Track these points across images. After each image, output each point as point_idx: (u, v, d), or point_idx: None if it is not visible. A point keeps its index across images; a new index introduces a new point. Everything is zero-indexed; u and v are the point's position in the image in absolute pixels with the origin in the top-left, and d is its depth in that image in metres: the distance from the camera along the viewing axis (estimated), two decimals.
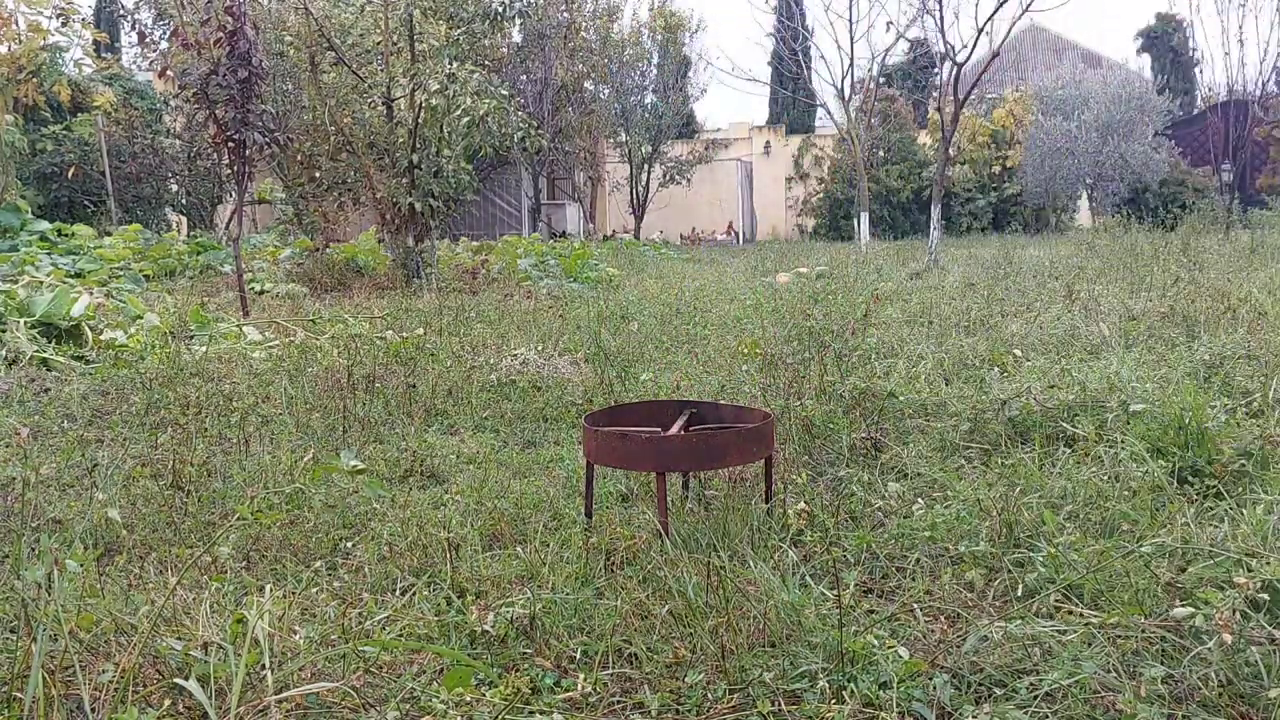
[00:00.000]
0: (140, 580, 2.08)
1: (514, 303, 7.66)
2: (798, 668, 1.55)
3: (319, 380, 4.21)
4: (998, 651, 1.61)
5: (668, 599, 1.80)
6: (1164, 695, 1.49)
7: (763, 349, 4.42)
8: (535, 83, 18.94)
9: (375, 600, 1.96)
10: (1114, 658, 1.57)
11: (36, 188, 14.39)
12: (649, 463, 2.07)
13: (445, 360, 4.74)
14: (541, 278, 9.63)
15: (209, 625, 1.68)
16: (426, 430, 3.56)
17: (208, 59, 6.94)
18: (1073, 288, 6.79)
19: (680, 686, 1.54)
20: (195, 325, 5.99)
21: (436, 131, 9.27)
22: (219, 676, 1.56)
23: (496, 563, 2.09)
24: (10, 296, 5.43)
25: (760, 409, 2.37)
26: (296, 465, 2.95)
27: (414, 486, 2.89)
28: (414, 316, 6.64)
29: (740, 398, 3.70)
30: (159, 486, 2.82)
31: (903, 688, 1.49)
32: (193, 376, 4.39)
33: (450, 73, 9.14)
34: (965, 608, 1.88)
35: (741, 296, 7.87)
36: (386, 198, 9.40)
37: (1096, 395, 3.21)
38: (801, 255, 13.33)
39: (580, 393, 4.06)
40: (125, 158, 15.23)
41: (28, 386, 4.28)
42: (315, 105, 10.25)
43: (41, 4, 13.40)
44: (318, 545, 2.33)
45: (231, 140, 7.16)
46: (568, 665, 1.65)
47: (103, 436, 3.46)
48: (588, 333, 5.52)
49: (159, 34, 12.00)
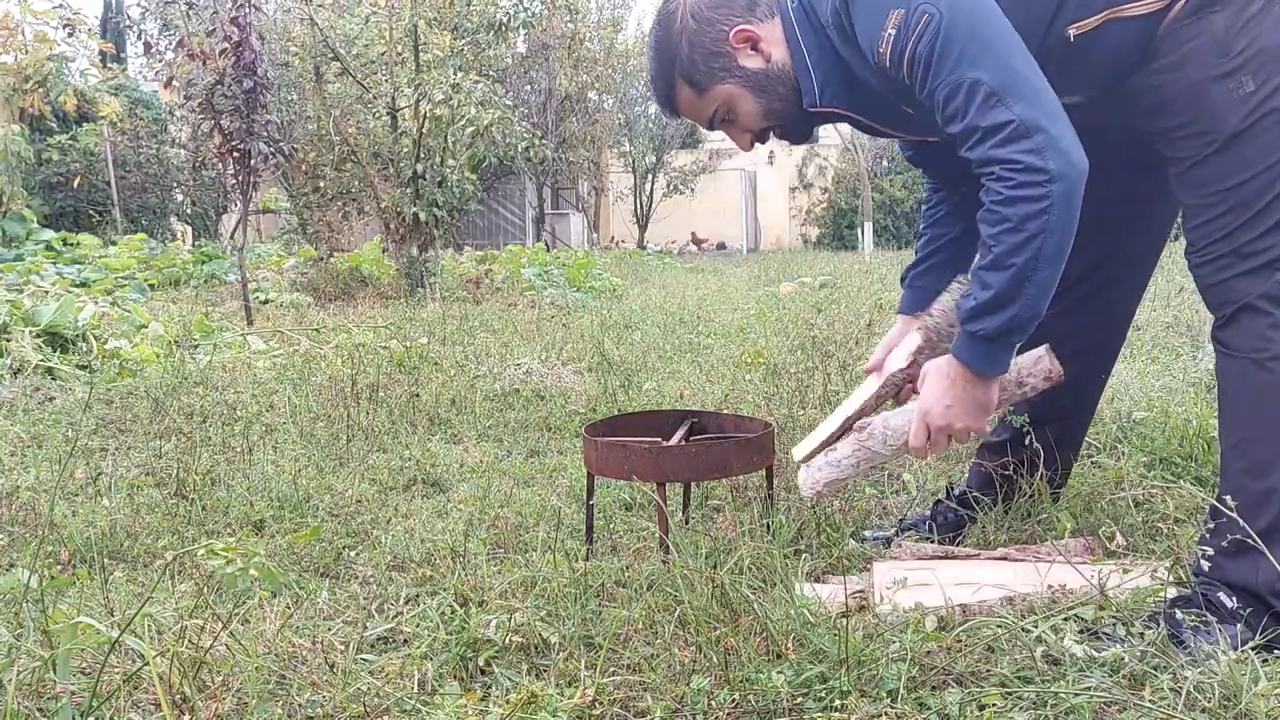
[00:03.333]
0: (146, 588, 2.08)
1: (518, 312, 7.67)
2: (801, 675, 1.55)
3: (323, 389, 4.21)
4: (1005, 660, 1.60)
5: (671, 608, 1.80)
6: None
7: (766, 358, 4.43)
8: (539, 93, 19.00)
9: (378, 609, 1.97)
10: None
11: (42, 197, 14.44)
12: (649, 473, 2.07)
13: (449, 369, 4.75)
14: (545, 287, 9.64)
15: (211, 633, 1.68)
16: (430, 439, 3.56)
17: (213, 69, 6.97)
18: None
19: (685, 692, 1.54)
20: (199, 334, 6.00)
21: (441, 141, 9.29)
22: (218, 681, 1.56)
23: (500, 573, 2.09)
24: (16, 306, 5.45)
25: (761, 419, 2.37)
26: (300, 474, 2.96)
27: (417, 495, 2.89)
28: (418, 326, 6.65)
29: (744, 407, 3.71)
30: (162, 495, 2.82)
31: (912, 699, 1.49)
32: (197, 385, 4.40)
33: (455, 83, 9.17)
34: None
35: (745, 306, 7.88)
36: (391, 207, 9.42)
37: (1098, 406, 3.21)
38: (805, 264, 13.34)
39: (584, 402, 4.07)
40: (130, 167, 15.29)
41: (32, 395, 4.29)
42: (320, 115, 10.28)
43: (48, 14, 13.47)
44: (321, 554, 2.33)
45: (236, 150, 7.19)
46: (572, 674, 1.65)
47: (106, 445, 3.47)
48: (591, 342, 5.53)
49: (165, 44, 12.05)
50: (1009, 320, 1.65)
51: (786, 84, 1.84)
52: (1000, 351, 1.72)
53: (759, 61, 1.83)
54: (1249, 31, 1.60)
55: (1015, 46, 1.61)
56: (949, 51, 1.60)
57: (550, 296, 8.86)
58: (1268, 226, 1.63)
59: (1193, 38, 1.65)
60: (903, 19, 1.62)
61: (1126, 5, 1.68)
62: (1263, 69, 1.59)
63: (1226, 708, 1.41)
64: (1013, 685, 1.52)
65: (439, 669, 1.69)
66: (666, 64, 1.87)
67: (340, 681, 1.60)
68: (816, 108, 1.85)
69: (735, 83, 1.85)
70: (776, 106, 1.87)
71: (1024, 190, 1.58)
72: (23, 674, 1.53)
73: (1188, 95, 1.67)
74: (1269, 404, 1.64)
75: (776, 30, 1.83)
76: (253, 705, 1.53)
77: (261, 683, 1.59)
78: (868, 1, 1.67)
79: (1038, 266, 1.60)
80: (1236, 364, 1.69)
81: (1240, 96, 1.60)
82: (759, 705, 1.51)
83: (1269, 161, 1.61)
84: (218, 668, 1.61)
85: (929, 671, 1.59)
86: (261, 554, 1.56)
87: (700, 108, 1.90)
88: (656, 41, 1.88)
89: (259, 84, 7.03)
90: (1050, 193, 1.56)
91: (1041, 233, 1.58)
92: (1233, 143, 1.63)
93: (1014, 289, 1.62)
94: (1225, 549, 1.65)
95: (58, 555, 2.27)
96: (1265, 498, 1.64)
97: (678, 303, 8.20)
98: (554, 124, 18.82)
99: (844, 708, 1.47)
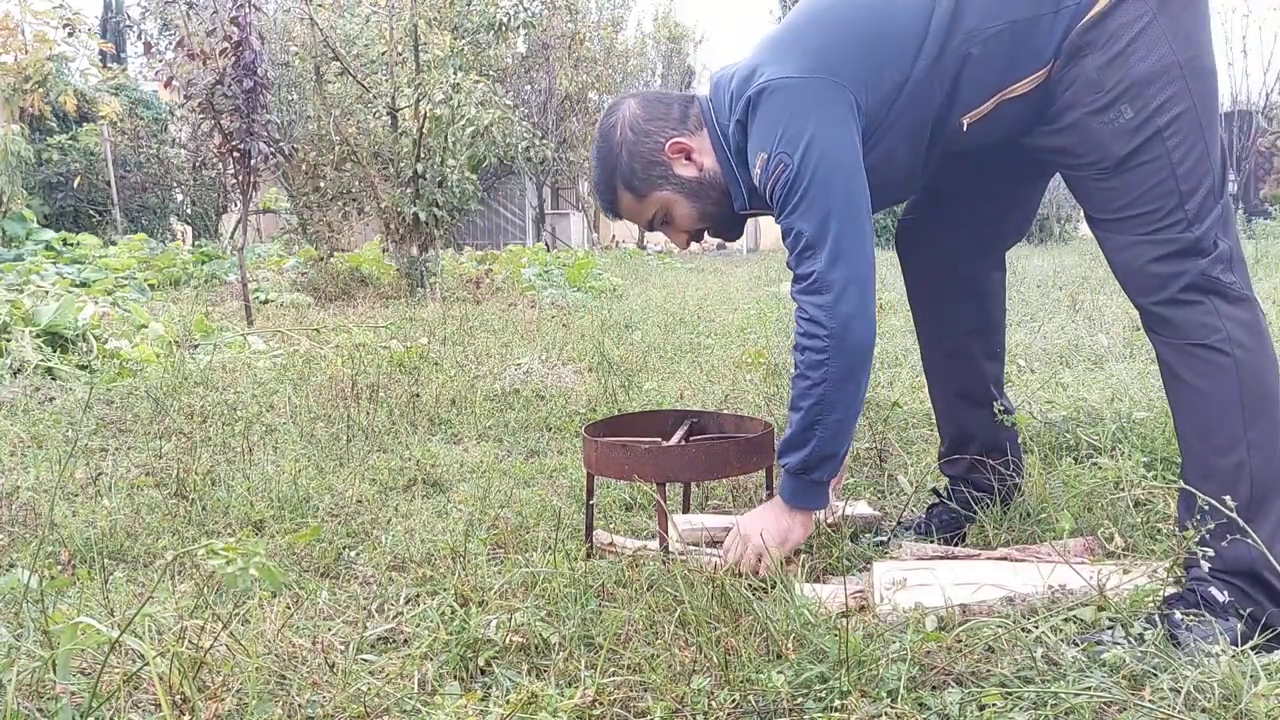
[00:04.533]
0: (146, 588, 2.08)
1: (518, 312, 7.67)
2: (801, 675, 1.55)
3: (323, 390, 4.21)
4: (1005, 660, 1.60)
5: (671, 609, 1.80)
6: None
7: (766, 358, 4.43)
8: (539, 93, 19.01)
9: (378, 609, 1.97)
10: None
11: (42, 197, 14.45)
12: (649, 473, 2.07)
13: (449, 370, 4.75)
14: (545, 287, 9.65)
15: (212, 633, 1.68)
16: (430, 439, 3.56)
17: (213, 69, 6.97)
18: (1076, 297, 6.80)
19: (685, 692, 1.54)
20: (200, 334, 6.00)
21: (441, 141, 9.29)
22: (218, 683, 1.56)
23: (500, 573, 2.09)
24: (16, 306, 5.45)
25: (761, 419, 2.37)
26: (300, 474, 2.96)
27: (417, 495, 2.89)
28: (418, 326, 6.66)
29: (744, 407, 3.71)
30: (162, 495, 2.82)
31: (912, 699, 1.49)
32: (197, 386, 4.40)
33: (455, 83, 9.18)
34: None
35: (745, 306, 7.89)
36: (391, 207, 9.42)
37: (1097, 406, 3.21)
38: None
39: (584, 402, 4.07)
40: (130, 167, 15.29)
41: (32, 395, 4.29)
42: (320, 115, 10.29)
43: (48, 14, 13.48)
44: (321, 554, 2.33)
45: (236, 150, 7.19)
46: (572, 674, 1.65)
47: (106, 445, 3.47)
48: (591, 342, 5.53)
49: (165, 44, 12.06)
50: (806, 457, 1.88)
51: (718, 189, 2.02)
52: (806, 488, 1.93)
53: (693, 170, 2.02)
54: (1117, 69, 1.71)
55: (850, 203, 1.81)
56: (790, 199, 1.82)
57: (550, 296, 8.86)
58: (1177, 219, 1.72)
59: (1071, 83, 1.76)
60: (765, 162, 1.85)
61: (1013, 86, 1.81)
62: (1138, 97, 1.70)
63: (1226, 708, 1.41)
64: (1013, 685, 1.52)
65: (439, 669, 1.69)
66: (609, 172, 2.06)
67: (340, 681, 1.60)
68: (747, 211, 2.04)
69: (671, 189, 2.03)
70: (710, 210, 2.05)
71: (809, 340, 1.82)
72: (23, 674, 1.53)
73: (1072, 133, 1.79)
74: (1222, 385, 1.71)
75: (705, 142, 2.03)
76: (253, 705, 1.53)
77: (261, 683, 1.59)
78: (752, 138, 1.89)
79: (823, 411, 1.83)
80: (1180, 351, 1.75)
81: (1121, 125, 1.72)
82: (759, 705, 1.51)
83: (1161, 176, 1.72)
84: (218, 668, 1.61)
85: (929, 671, 1.59)
86: (262, 553, 1.56)
87: (640, 211, 2.08)
88: (599, 151, 2.06)
89: (259, 84, 7.03)
90: (828, 346, 1.80)
91: (823, 381, 1.81)
92: (1124, 165, 1.74)
93: (806, 430, 1.86)
94: (1214, 536, 1.66)
95: (58, 555, 2.27)
96: (1236, 472, 1.69)
97: (678, 303, 8.20)
98: (554, 124, 18.84)
99: (844, 708, 1.47)
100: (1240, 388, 1.69)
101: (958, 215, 2.20)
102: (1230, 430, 1.70)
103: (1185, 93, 1.69)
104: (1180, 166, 1.70)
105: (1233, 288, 1.72)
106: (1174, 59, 1.69)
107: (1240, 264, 1.74)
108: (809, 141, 1.79)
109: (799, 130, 1.79)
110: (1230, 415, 1.70)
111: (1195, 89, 1.70)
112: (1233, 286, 1.72)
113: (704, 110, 2.03)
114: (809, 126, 1.79)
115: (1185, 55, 1.70)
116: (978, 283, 2.24)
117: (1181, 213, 1.71)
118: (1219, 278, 1.71)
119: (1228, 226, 1.74)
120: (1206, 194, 1.71)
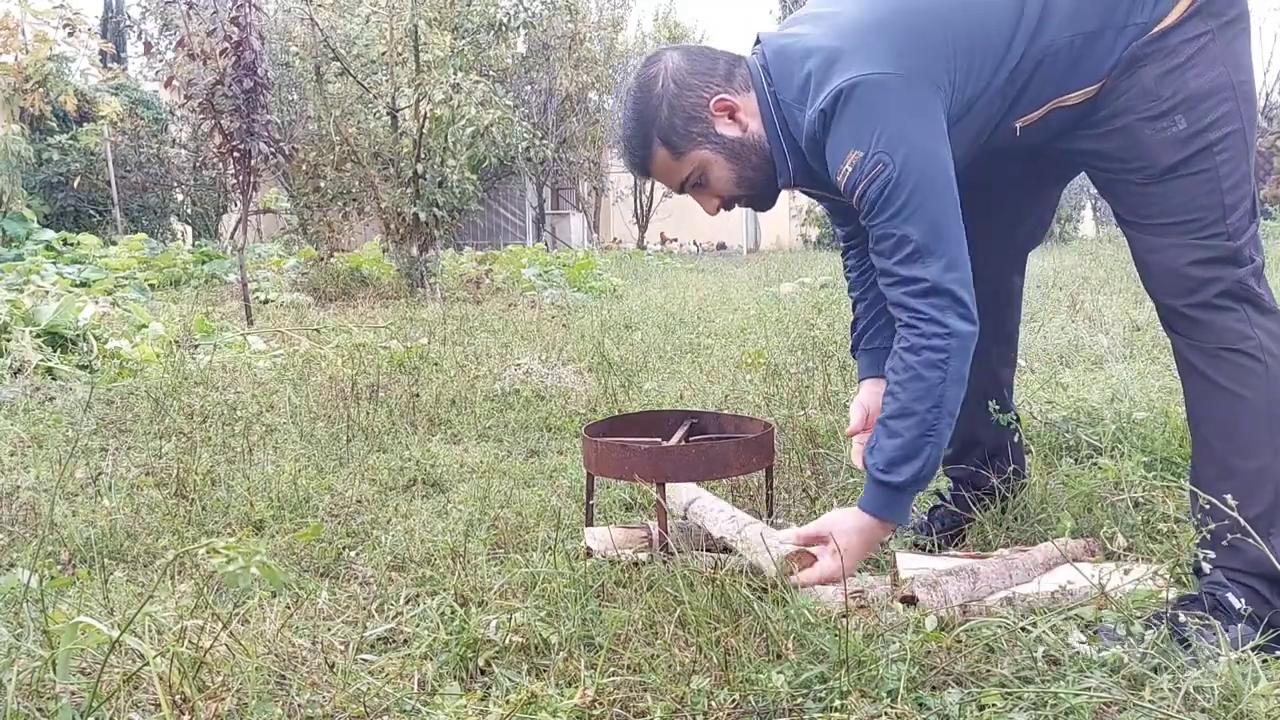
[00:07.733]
0: (146, 588, 2.08)
1: (518, 312, 7.67)
2: (801, 675, 1.55)
3: (323, 390, 4.21)
4: (1005, 660, 1.60)
5: (671, 609, 1.80)
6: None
7: (766, 359, 4.43)
8: (540, 93, 19.00)
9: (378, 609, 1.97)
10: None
11: (42, 197, 14.45)
12: (649, 473, 2.07)
13: (449, 370, 4.75)
14: (545, 287, 9.64)
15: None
16: (430, 440, 3.56)
17: (213, 69, 6.98)
18: (1076, 298, 6.80)
19: (685, 692, 1.54)
20: (200, 334, 6.00)
21: (441, 141, 9.30)
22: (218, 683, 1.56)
23: (500, 573, 2.09)
24: (16, 305, 5.45)
25: (761, 419, 2.37)
26: (300, 474, 2.96)
27: (417, 495, 2.89)
28: (418, 326, 6.65)
29: (744, 407, 3.71)
30: (162, 495, 2.82)
31: (912, 699, 1.49)
32: (197, 385, 4.40)
33: (455, 83, 9.18)
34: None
35: (745, 306, 7.89)
36: (391, 207, 9.42)
37: (1097, 406, 3.21)
38: (805, 265, 13.34)
39: (584, 402, 4.07)
40: (131, 167, 15.30)
41: (32, 395, 4.29)
42: (320, 115, 10.29)
43: (48, 14, 13.48)
44: (321, 554, 2.33)
45: (237, 150, 7.19)
46: (572, 674, 1.65)
47: (107, 445, 3.47)
48: (591, 342, 5.53)
49: (165, 44, 12.06)
50: (921, 467, 1.82)
51: (760, 154, 1.93)
52: (906, 501, 1.88)
53: (736, 130, 1.91)
54: (1174, 80, 1.73)
55: (949, 208, 1.79)
56: (892, 202, 1.76)
57: (550, 297, 8.86)
58: (1219, 230, 1.74)
59: (1125, 91, 1.77)
60: (859, 161, 1.76)
61: (1068, 95, 1.81)
62: (1192, 110, 1.72)
63: (1226, 708, 1.41)
64: (1013, 685, 1.52)
65: (439, 669, 1.68)
66: (645, 124, 1.92)
67: (340, 681, 1.60)
68: (790, 185, 1.98)
69: (712, 149, 1.92)
70: (749, 175, 1.95)
71: (927, 340, 1.78)
72: (23, 674, 1.53)
73: (1119, 137, 1.79)
74: (1255, 390, 1.72)
75: (752, 103, 1.91)
76: (253, 705, 1.53)
77: (261, 683, 1.59)
78: (841, 133, 1.79)
79: (940, 415, 1.80)
80: (1210, 355, 1.76)
81: (1173, 134, 1.73)
82: (759, 705, 1.51)
83: (1208, 189, 1.74)
84: (218, 668, 1.61)
85: (929, 671, 1.59)
86: (263, 553, 1.56)
87: (675, 170, 1.96)
88: (636, 103, 1.93)
89: (259, 84, 7.03)
90: (949, 345, 1.77)
91: (942, 381, 1.78)
92: (1170, 173, 1.75)
93: (921, 436, 1.81)
94: (1233, 541, 1.66)
95: (58, 555, 2.27)
96: (1259, 476, 1.70)
97: (678, 303, 8.20)
98: (554, 124, 18.83)
99: (844, 708, 1.47)
100: (1270, 395, 1.72)
101: (984, 214, 2.17)
102: (1256, 435, 1.72)
103: (1236, 114, 1.73)
104: (1226, 181, 1.73)
105: (1264, 299, 1.75)
106: (1229, 79, 1.72)
107: (1266, 281, 1.78)
108: (911, 145, 1.74)
109: (899, 132, 1.74)
110: (1259, 421, 1.72)
111: (1245, 112, 1.74)
112: (1264, 298, 1.75)
113: (753, 72, 1.93)
114: (910, 129, 1.74)
115: (1238, 78, 1.73)
116: (1000, 288, 2.23)
117: (1223, 226, 1.73)
118: (1254, 287, 1.74)
119: (1259, 244, 1.77)
120: (1245, 212, 1.75)
